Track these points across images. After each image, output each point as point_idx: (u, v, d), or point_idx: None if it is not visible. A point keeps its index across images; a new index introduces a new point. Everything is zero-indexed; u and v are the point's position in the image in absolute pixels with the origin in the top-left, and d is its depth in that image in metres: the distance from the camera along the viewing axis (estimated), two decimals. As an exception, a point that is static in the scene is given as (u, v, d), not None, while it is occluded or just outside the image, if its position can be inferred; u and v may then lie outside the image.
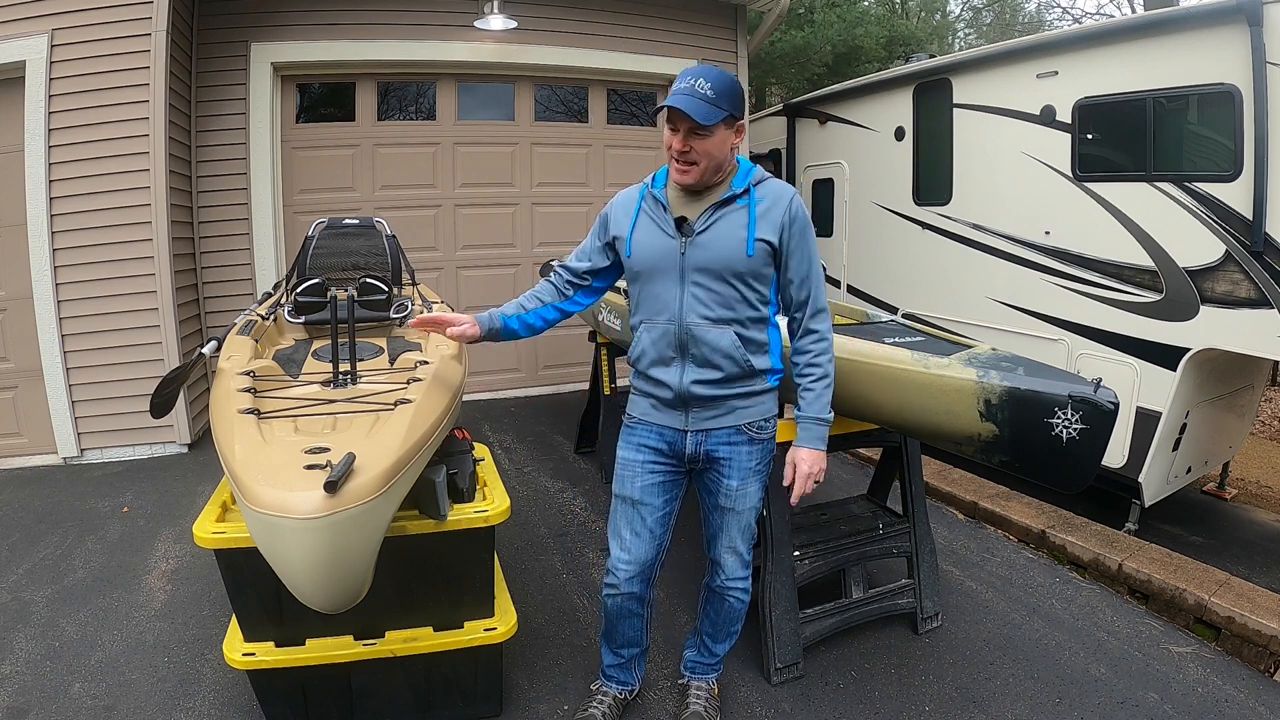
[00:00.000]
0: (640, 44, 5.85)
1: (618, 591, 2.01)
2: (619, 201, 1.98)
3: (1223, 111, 3.87)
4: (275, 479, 1.46)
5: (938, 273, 5.68)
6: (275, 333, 2.90)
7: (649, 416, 1.97)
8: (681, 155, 1.79)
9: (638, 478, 1.98)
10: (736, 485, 1.96)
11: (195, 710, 2.22)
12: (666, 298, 1.87)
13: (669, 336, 1.88)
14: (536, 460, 4.51)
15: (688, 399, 1.90)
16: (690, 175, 1.81)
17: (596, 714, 2.14)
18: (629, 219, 1.93)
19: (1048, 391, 1.85)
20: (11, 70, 4.15)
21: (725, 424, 1.92)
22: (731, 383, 1.88)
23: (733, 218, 1.84)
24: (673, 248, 1.85)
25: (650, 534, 1.98)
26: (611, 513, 2.04)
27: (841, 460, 4.51)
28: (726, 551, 2.04)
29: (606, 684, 2.22)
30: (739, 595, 2.09)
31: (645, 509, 1.97)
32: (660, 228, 1.88)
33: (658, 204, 1.90)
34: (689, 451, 1.94)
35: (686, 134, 1.77)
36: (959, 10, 18.41)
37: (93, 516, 3.65)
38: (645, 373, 1.95)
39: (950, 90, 5.51)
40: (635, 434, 2.00)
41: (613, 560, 2.02)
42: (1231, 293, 3.89)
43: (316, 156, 5.35)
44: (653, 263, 1.88)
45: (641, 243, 1.90)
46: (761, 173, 1.91)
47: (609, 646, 2.18)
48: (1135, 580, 2.99)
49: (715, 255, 1.83)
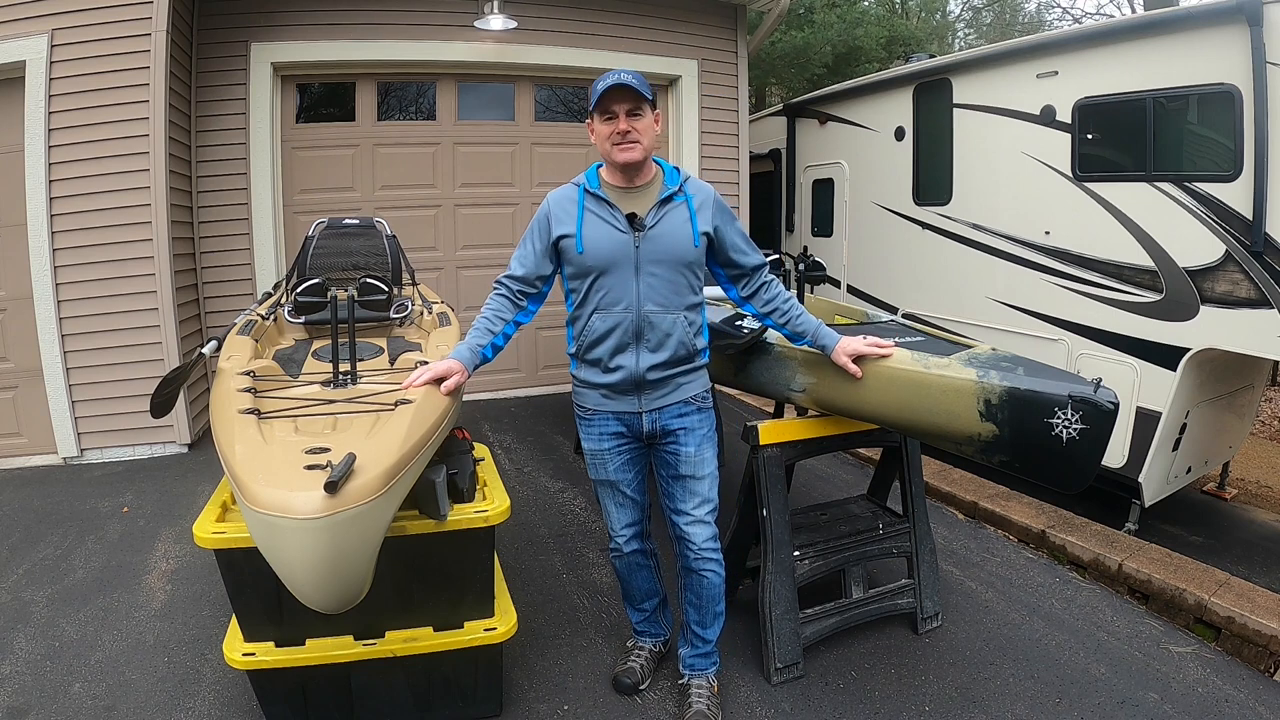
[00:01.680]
0: (640, 44, 5.85)
1: (621, 552, 2.27)
2: (556, 203, 2.06)
3: (1223, 111, 3.87)
4: (275, 479, 1.46)
5: (938, 273, 5.68)
6: (275, 333, 2.90)
7: (602, 406, 2.11)
8: (624, 135, 1.95)
9: (608, 463, 2.16)
10: (694, 451, 2.12)
11: (195, 710, 2.22)
12: (621, 289, 2.01)
13: (626, 324, 2.02)
14: (536, 460, 4.51)
15: (641, 382, 2.06)
16: (635, 151, 1.97)
17: (635, 667, 2.35)
18: (572, 218, 2.03)
19: (1048, 391, 1.85)
20: (11, 70, 4.15)
21: (674, 399, 2.10)
22: (678, 364, 2.07)
23: (676, 213, 2.03)
24: (626, 242, 2.00)
25: (632, 501, 2.22)
26: (597, 494, 2.27)
27: (842, 460, 4.51)
28: (693, 523, 2.13)
29: (640, 639, 2.44)
30: (714, 569, 2.16)
31: (622, 484, 2.19)
32: (610, 224, 2.01)
33: (602, 202, 2.02)
34: (646, 430, 2.11)
35: (627, 115, 1.95)
36: (959, 10, 18.42)
37: (93, 516, 3.65)
38: (598, 360, 2.06)
39: (950, 90, 5.52)
40: (594, 425, 2.15)
41: (610, 529, 2.26)
42: (1231, 293, 3.89)
43: (316, 156, 5.35)
44: (608, 257, 1.99)
45: (593, 239, 2.00)
46: (685, 171, 2.11)
47: (631, 605, 2.41)
48: (1135, 580, 2.99)
49: (666, 248, 2.01)
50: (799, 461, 3.16)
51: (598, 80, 1.97)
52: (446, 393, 1.94)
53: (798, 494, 3.75)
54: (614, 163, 2.00)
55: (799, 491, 3.86)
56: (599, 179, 2.07)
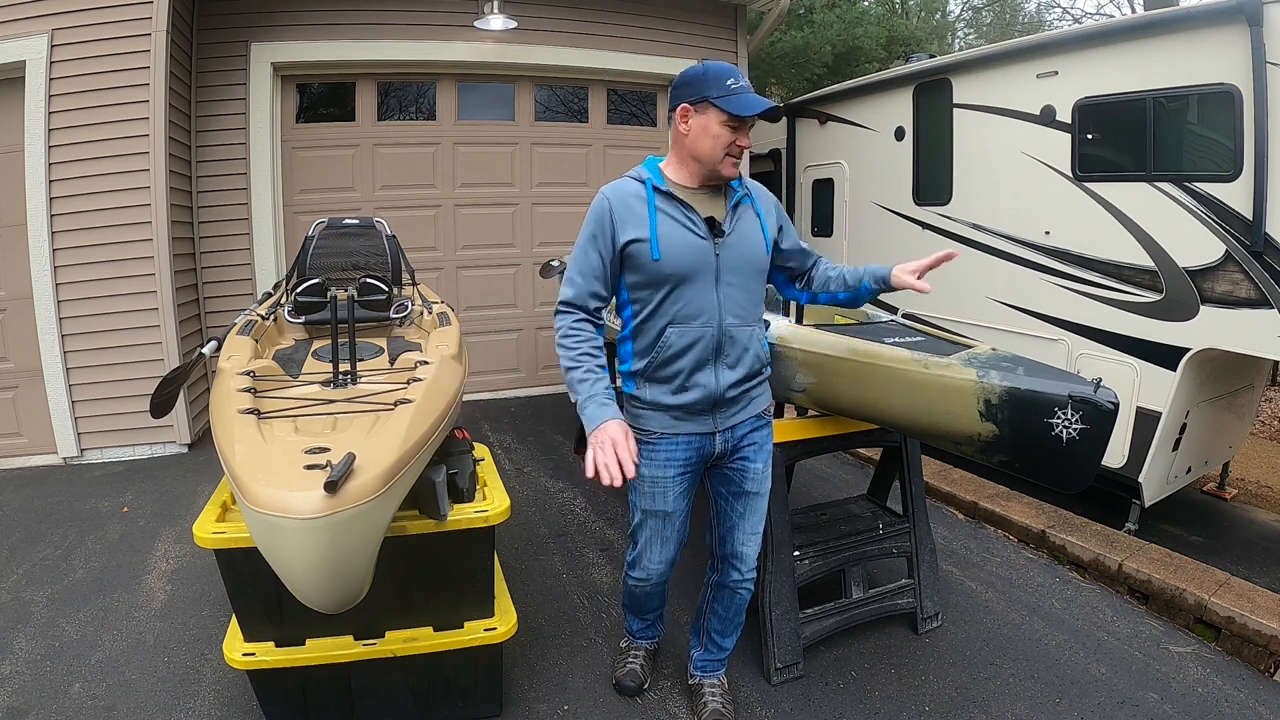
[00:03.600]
0: (640, 44, 5.85)
1: (649, 585, 2.12)
2: (619, 201, 1.83)
3: (1223, 111, 3.87)
4: (275, 479, 1.46)
5: (938, 273, 5.64)
6: (275, 333, 2.90)
7: (672, 429, 1.91)
8: (742, 149, 1.84)
9: (669, 492, 1.96)
10: (761, 467, 2.02)
11: (195, 710, 2.22)
12: (702, 300, 1.83)
13: (706, 339, 1.84)
14: (536, 460, 4.51)
15: (720, 401, 1.90)
16: (738, 169, 1.87)
17: (636, 668, 2.33)
18: (643, 220, 1.80)
19: (1048, 391, 1.85)
20: (11, 70, 4.15)
21: (747, 415, 1.98)
22: (752, 379, 1.96)
23: (748, 217, 1.91)
24: (706, 249, 1.82)
25: (678, 536, 2.05)
26: (638, 524, 2.03)
27: (842, 460, 4.51)
28: (748, 540, 2.05)
29: (636, 641, 2.40)
30: (750, 587, 2.12)
31: (676, 515, 2.01)
32: (688, 228, 1.82)
33: (676, 202, 1.83)
34: (718, 450, 1.96)
35: (746, 129, 1.82)
36: (959, 10, 18.41)
37: (93, 516, 3.65)
38: (672, 379, 1.87)
39: (950, 90, 5.51)
40: (659, 450, 1.92)
41: (643, 560, 2.06)
42: (1231, 293, 3.88)
43: (316, 156, 5.35)
44: (688, 265, 1.80)
45: (671, 244, 1.79)
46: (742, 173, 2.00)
47: (637, 616, 2.33)
48: (1135, 580, 2.99)
49: (743, 255, 1.88)
50: (799, 461, 3.17)
51: (719, 72, 1.78)
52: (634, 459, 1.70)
53: (798, 494, 3.75)
54: (717, 173, 1.84)
55: (799, 491, 3.86)
56: (664, 176, 1.88)
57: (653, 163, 1.92)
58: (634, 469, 1.68)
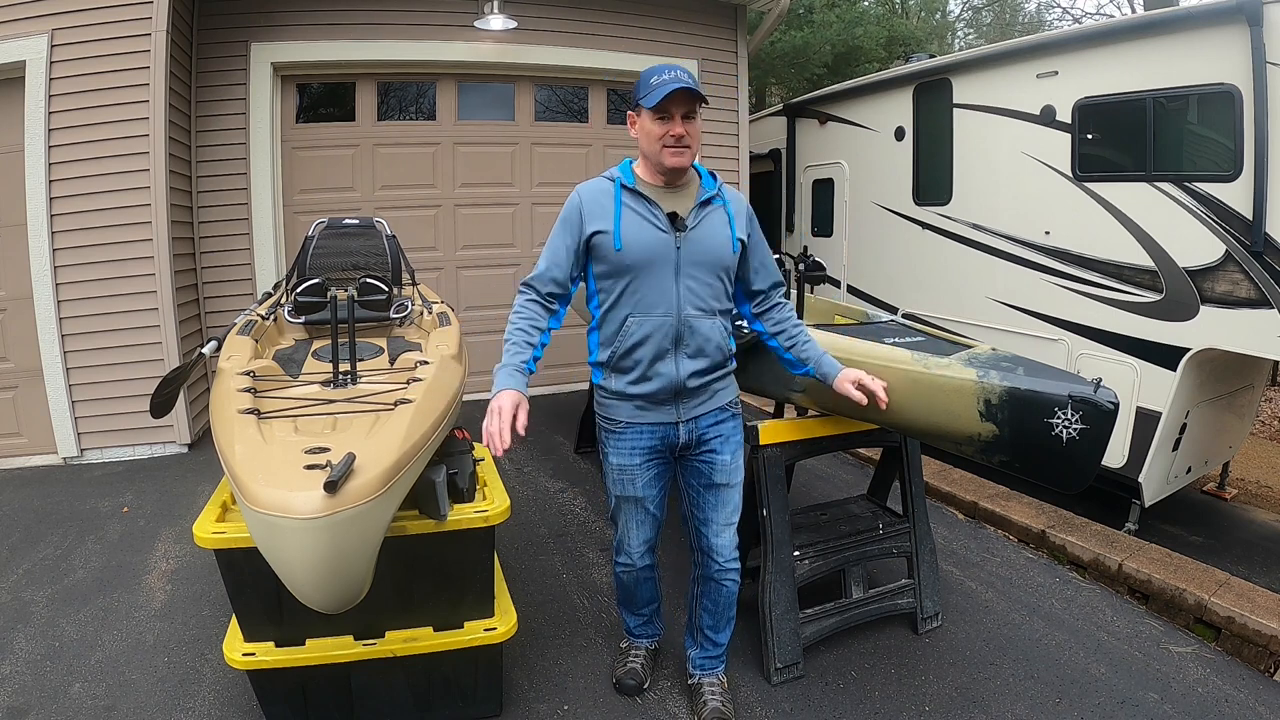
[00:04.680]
0: (640, 44, 5.84)
1: (633, 568, 2.18)
2: (589, 196, 1.95)
3: (1223, 111, 3.87)
4: (275, 479, 1.46)
5: (938, 273, 5.68)
6: (275, 333, 2.90)
7: (637, 418, 2.01)
8: (678, 139, 1.87)
9: (637, 479, 2.05)
10: (729, 459, 2.07)
11: (195, 710, 2.22)
12: (660, 291, 1.91)
13: (666, 329, 1.93)
14: (536, 460, 4.51)
15: (681, 390, 1.98)
16: (685, 158, 1.90)
17: (636, 668, 2.33)
18: (608, 213, 1.92)
19: (1048, 391, 1.85)
20: (11, 70, 4.15)
21: (711, 406, 2.04)
22: (715, 370, 2.01)
23: (715, 216, 1.98)
24: (667, 242, 1.91)
25: (653, 518, 2.13)
26: (614, 508, 2.15)
27: (842, 460, 4.51)
28: (722, 531, 2.09)
29: (636, 641, 2.41)
30: (734, 578, 2.14)
31: (648, 500, 2.09)
32: (651, 222, 1.92)
33: (641, 198, 1.93)
34: (682, 440, 2.03)
35: (682, 119, 1.87)
36: (959, 10, 18.42)
37: (93, 516, 3.65)
38: (633, 369, 1.95)
39: (950, 90, 5.51)
40: (624, 439, 2.03)
41: (624, 544, 2.16)
42: (1231, 293, 3.89)
43: (316, 156, 5.35)
44: (647, 256, 1.90)
45: (632, 235, 1.90)
46: (719, 178, 2.07)
47: (631, 610, 2.35)
48: (1135, 580, 2.99)
49: (707, 250, 1.94)
50: (799, 461, 3.17)
51: (649, 73, 1.88)
52: (524, 430, 1.75)
53: (798, 494, 3.75)
54: (661, 165, 1.91)
55: (799, 491, 3.86)
56: (634, 175, 1.97)
57: (627, 164, 2.02)
58: (510, 440, 1.70)
